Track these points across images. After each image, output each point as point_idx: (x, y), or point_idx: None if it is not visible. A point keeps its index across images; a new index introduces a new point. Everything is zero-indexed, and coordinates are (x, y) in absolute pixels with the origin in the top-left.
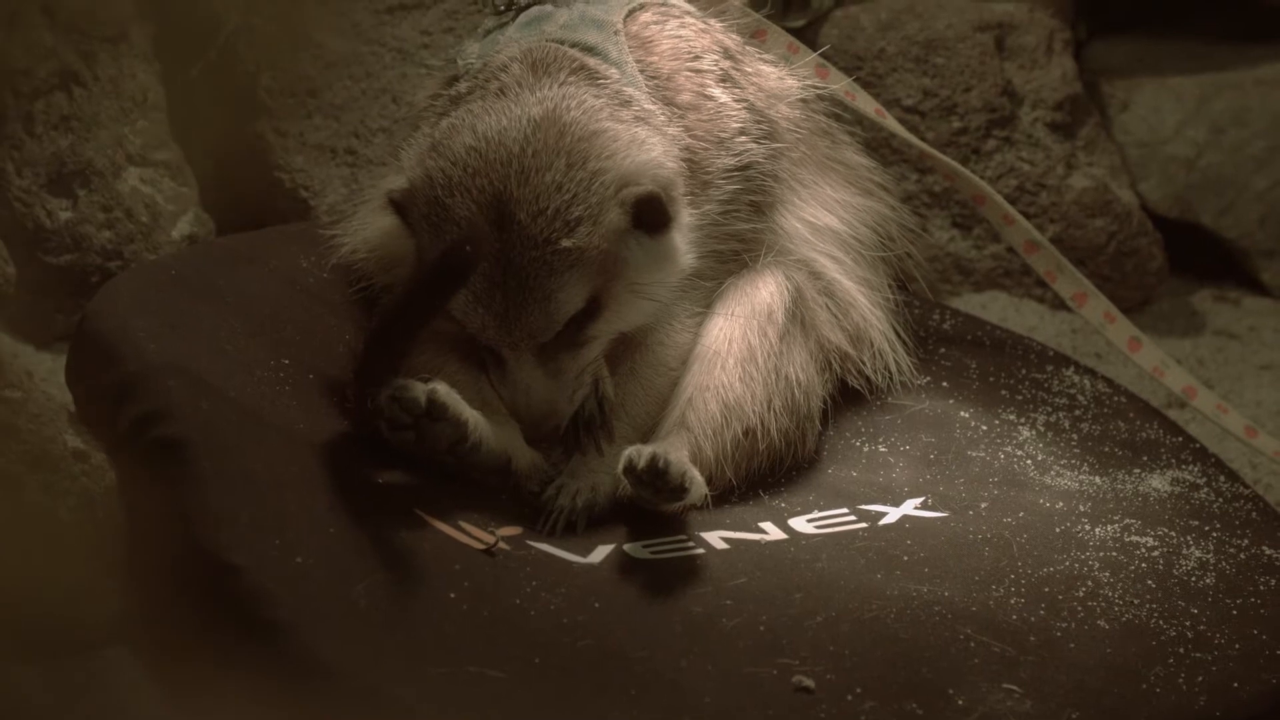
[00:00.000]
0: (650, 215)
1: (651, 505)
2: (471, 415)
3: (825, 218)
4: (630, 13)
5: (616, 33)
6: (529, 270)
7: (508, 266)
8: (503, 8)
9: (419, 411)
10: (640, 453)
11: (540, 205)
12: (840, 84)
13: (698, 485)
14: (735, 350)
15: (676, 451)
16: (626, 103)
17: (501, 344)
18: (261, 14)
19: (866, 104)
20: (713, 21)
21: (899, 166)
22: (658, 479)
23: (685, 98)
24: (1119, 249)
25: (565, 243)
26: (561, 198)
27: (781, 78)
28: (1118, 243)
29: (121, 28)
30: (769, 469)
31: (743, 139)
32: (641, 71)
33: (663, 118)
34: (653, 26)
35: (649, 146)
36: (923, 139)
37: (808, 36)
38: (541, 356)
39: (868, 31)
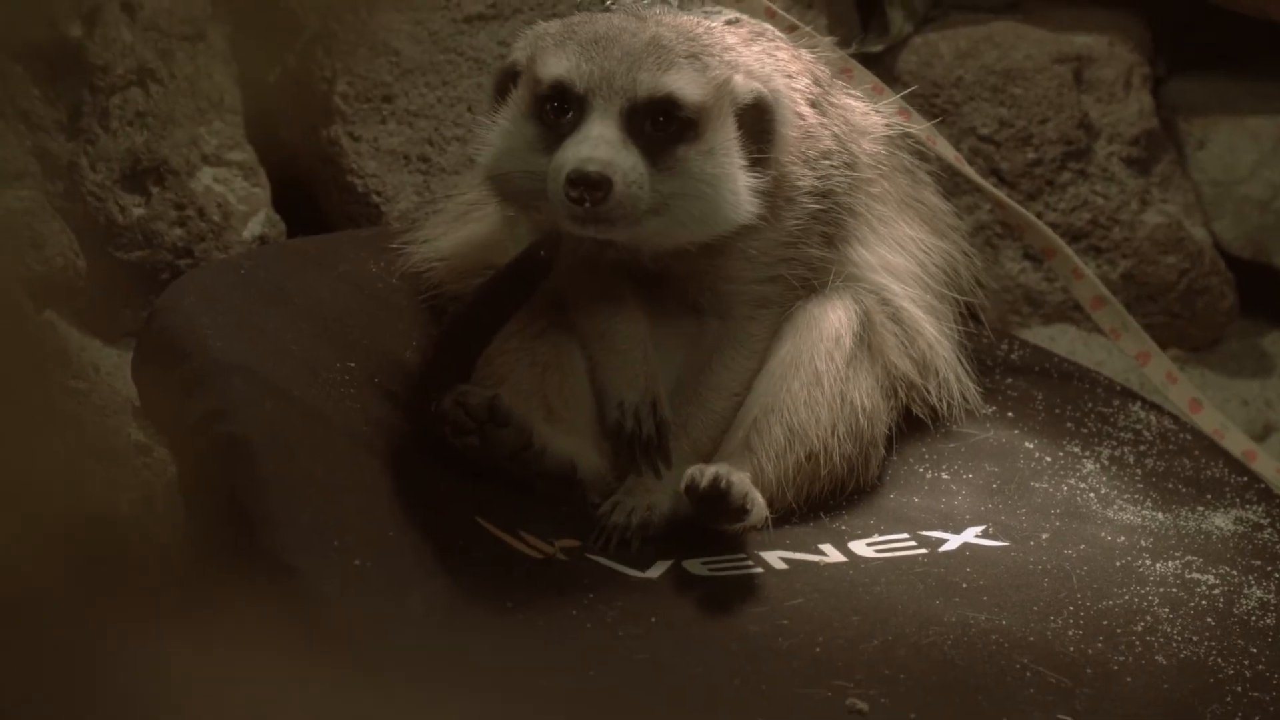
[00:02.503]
0: (758, 113)
1: (712, 525)
2: (536, 421)
3: (899, 253)
4: (727, 23)
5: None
6: (650, 48)
7: (627, 43)
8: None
9: (482, 417)
10: (703, 472)
11: (671, 26)
12: (921, 127)
13: (758, 507)
14: (802, 375)
15: (739, 473)
16: None
17: (596, 90)
18: (340, 20)
19: (945, 149)
20: (803, 51)
21: (973, 195)
22: (719, 499)
23: None
24: (1190, 287)
25: (689, 49)
26: (692, 33)
27: (866, 113)
28: (1189, 280)
29: (199, 28)
30: (830, 492)
31: (827, 163)
32: None
33: None
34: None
35: (772, 78)
36: (997, 169)
37: (886, 62)
38: (622, 128)
39: (946, 59)
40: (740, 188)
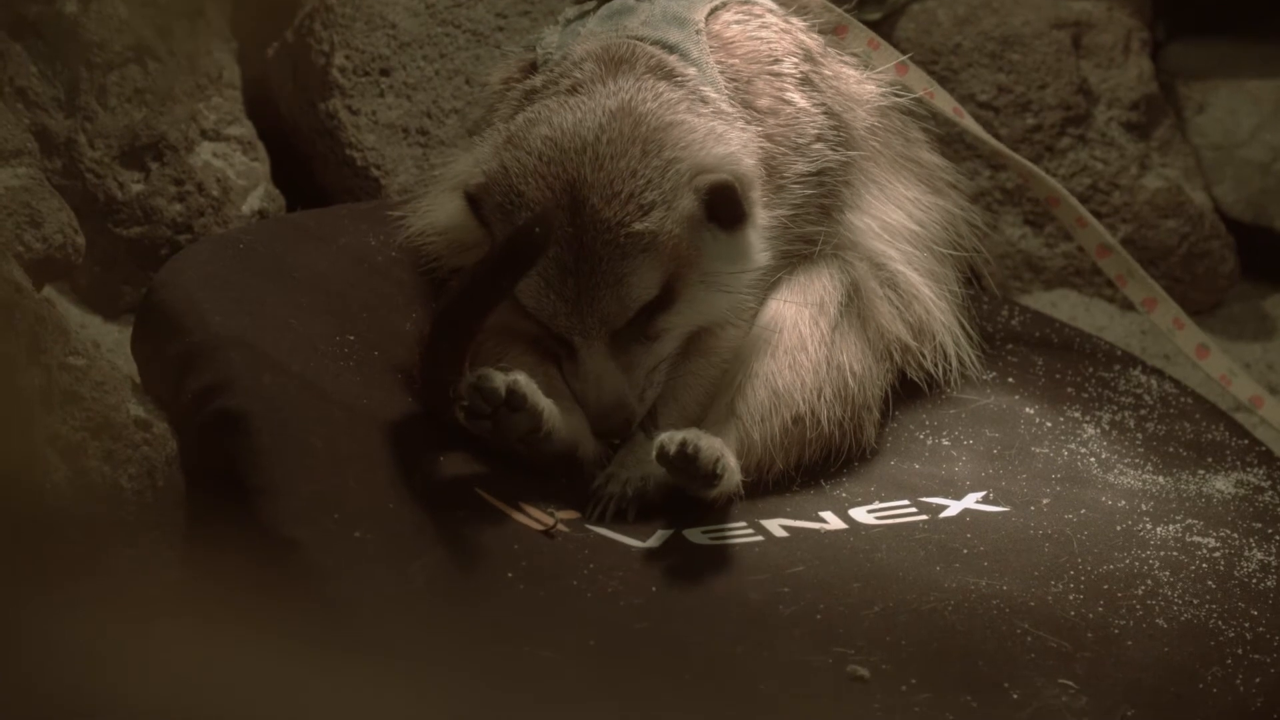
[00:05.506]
0: (724, 206)
1: (689, 491)
2: (546, 405)
3: (895, 214)
4: (713, 10)
5: (698, 31)
6: (601, 254)
7: (580, 251)
8: None
9: (499, 401)
10: (672, 439)
11: (614, 189)
12: (919, 81)
13: (731, 472)
14: (786, 340)
15: (707, 438)
16: (704, 101)
17: (573, 331)
18: None
19: (945, 103)
20: (795, 20)
21: (972, 162)
22: (688, 464)
23: (764, 102)
24: (1190, 251)
25: (638, 226)
26: (635, 183)
27: (861, 81)
28: (1189, 245)
29: (197, 4)
30: (824, 457)
31: (819, 145)
32: (721, 73)
33: (741, 120)
34: (734, 26)
35: (726, 140)
36: (997, 136)
37: (884, 30)
38: (614, 348)
39: (944, 26)
40: (745, 267)
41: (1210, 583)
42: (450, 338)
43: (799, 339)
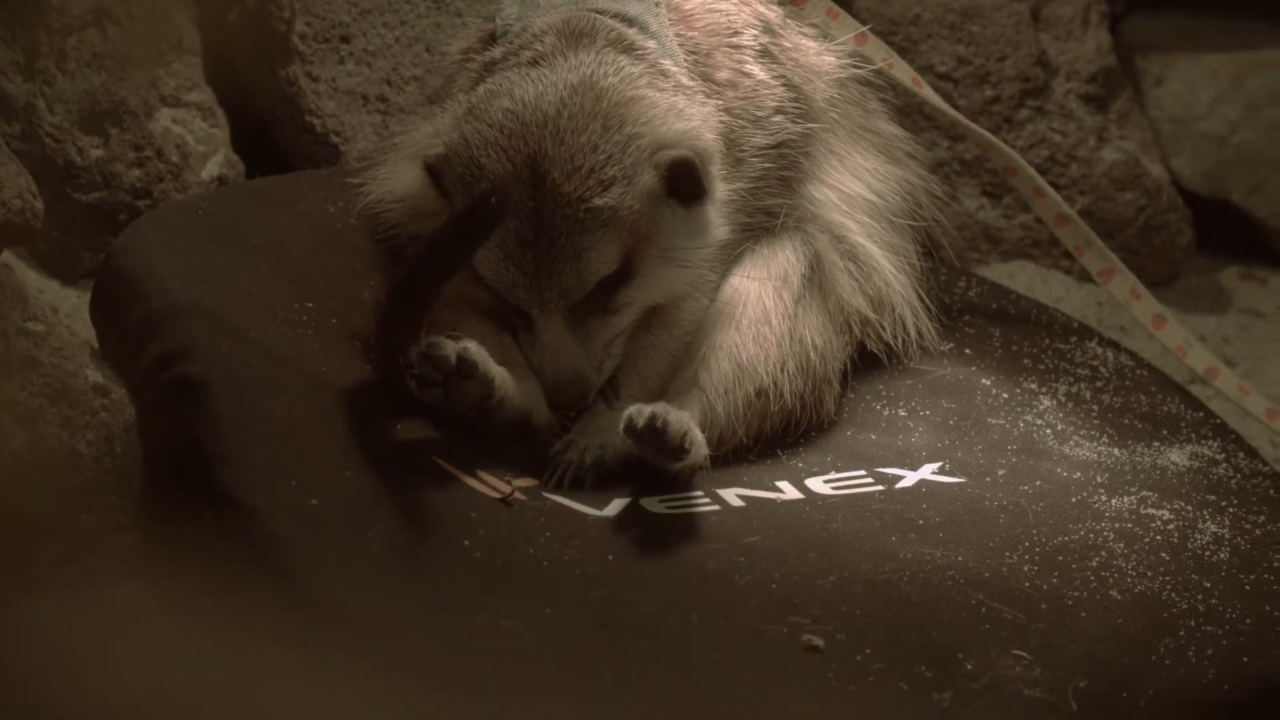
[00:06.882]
0: (684, 182)
1: (655, 464)
2: (498, 373)
3: (854, 185)
4: None
5: (657, 4)
6: (561, 228)
7: (540, 225)
8: None
9: (449, 369)
10: (640, 412)
11: (575, 164)
12: (878, 52)
13: (698, 446)
14: (750, 312)
15: (677, 412)
16: (664, 74)
17: (531, 304)
18: None
19: (903, 73)
20: None
21: (930, 133)
22: (657, 438)
23: (723, 75)
24: (1147, 223)
25: (597, 201)
26: (596, 158)
27: (820, 53)
28: (1146, 217)
29: None
30: (784, 429)
31: (779, 118)
32: (680, 46)
33: (700, 94)
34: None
35: (687, 116)
36: (955, 107)
37: (844, 1)
38: (571, 321)
39: None
40: (704, 242)
41: (1164, 555)
42: (406, 306)
43: (763, 312)
